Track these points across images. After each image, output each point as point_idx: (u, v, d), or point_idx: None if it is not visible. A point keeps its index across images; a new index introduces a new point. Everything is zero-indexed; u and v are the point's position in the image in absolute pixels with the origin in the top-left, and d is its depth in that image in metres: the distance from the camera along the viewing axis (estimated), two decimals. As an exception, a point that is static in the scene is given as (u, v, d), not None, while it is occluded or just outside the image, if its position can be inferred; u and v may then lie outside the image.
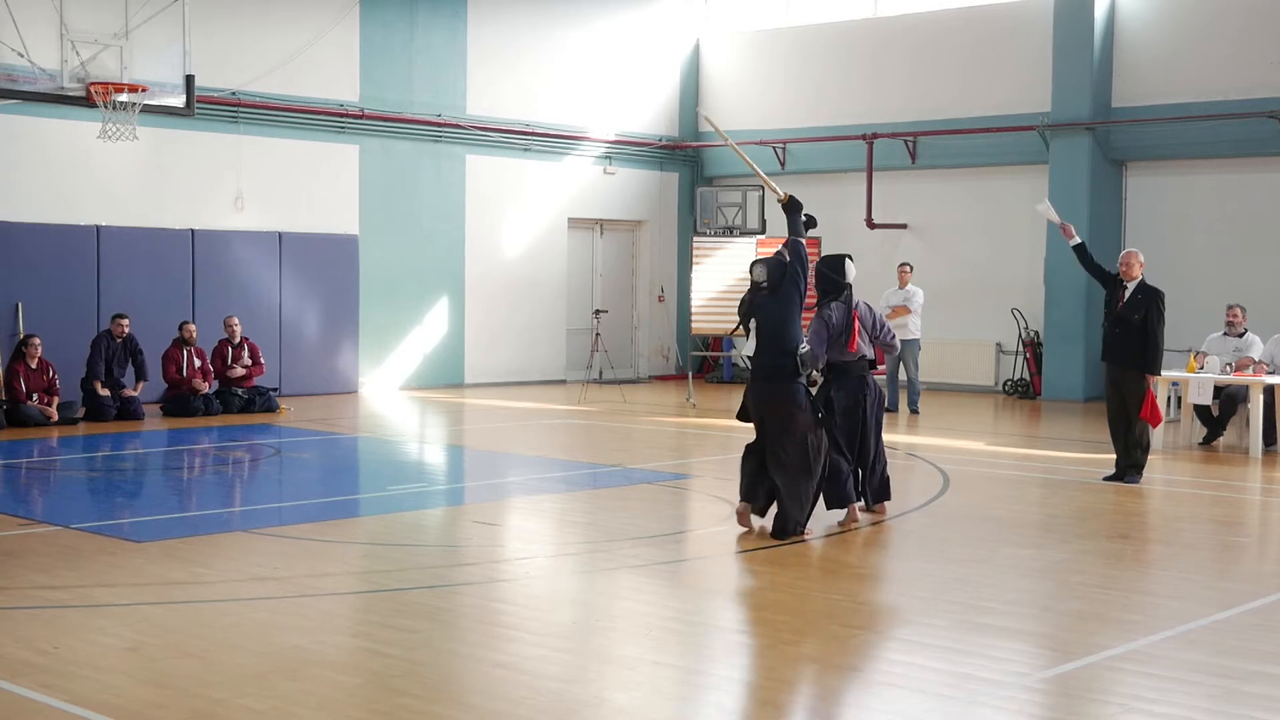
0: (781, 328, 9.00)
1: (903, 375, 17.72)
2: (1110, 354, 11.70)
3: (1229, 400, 14.18)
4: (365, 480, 12.54)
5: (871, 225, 21.15)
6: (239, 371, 16.69)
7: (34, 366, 15.15)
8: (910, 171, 21.33)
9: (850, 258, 9.86)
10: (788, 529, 8.97)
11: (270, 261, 18.37)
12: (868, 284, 19.26)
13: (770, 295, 9.06)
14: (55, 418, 15.12)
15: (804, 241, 9.20)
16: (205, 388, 16.34)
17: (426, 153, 20.29)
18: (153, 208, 17.41)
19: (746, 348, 9.44)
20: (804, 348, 9.05)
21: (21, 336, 15.65)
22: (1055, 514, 10.34)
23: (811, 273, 9.45)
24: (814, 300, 9.81)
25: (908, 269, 18.14)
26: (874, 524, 9.59)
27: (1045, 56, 19.77)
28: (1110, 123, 19.40)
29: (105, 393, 15.59)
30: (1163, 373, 12.05)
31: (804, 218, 9.38)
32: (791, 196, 9.44)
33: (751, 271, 9.21)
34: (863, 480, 9.76)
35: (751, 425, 9.32)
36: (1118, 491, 11.25)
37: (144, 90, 14.02)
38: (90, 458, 13.36)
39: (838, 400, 9.61)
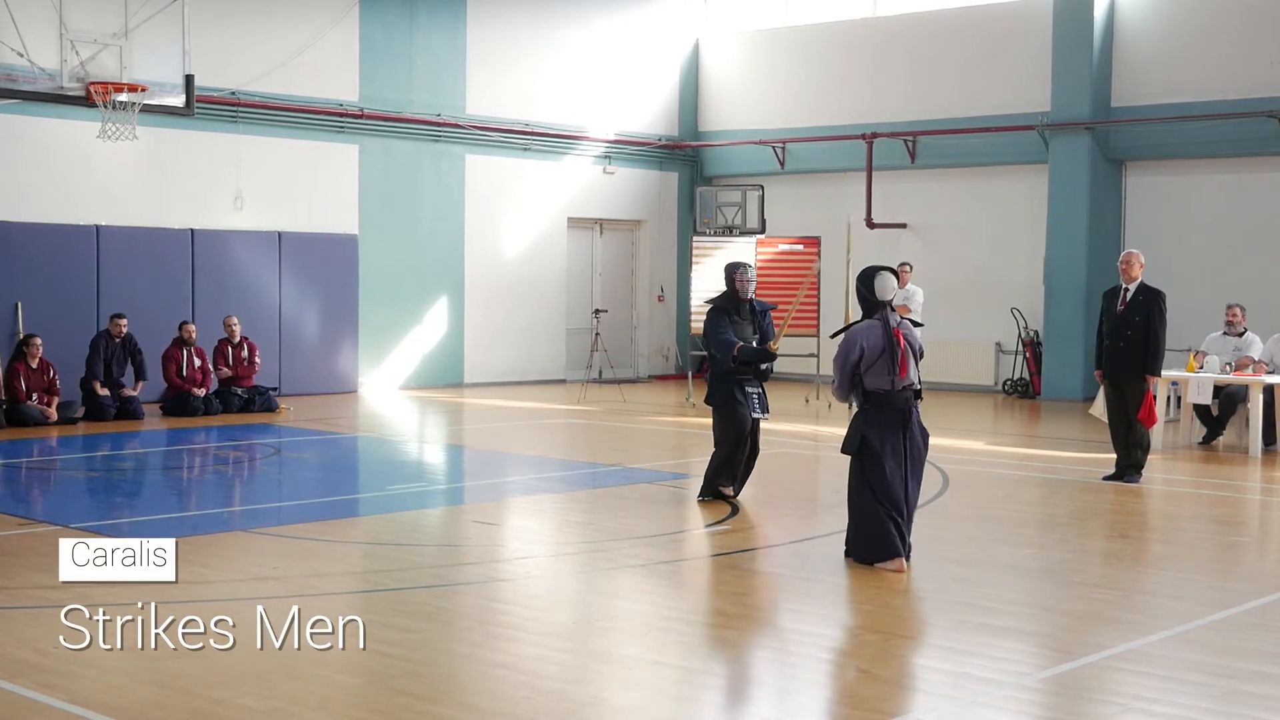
0: (708, 332, 10.22)
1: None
2: (1109, 368, 11.59)
3: (1228, 400, 14.17)
4: (365, 480, 12.54)
5: (871, 225, 21.14)
6: (225, 373, 16.67)
7: (34, 366, 15.14)
8: (910, 171, 21.33)
9: (890, 270, 8.51)
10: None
11: (270, 261, 18.37)
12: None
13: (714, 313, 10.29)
14: (55, 418, 15.12)
15: (727, 355, 10.03)
16: (204, 391, 16.32)
17: (426, 152, 20.29)
18: (152, 207, 17.41)
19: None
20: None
21: (22, 336, 15.65)
22: (1055, 514, 10.34)
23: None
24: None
25: (908, 268, 18.13)
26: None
27: (1045, 56, 19.77)
28: (1110, 122, 19.40)
29: (104, 393, 15.58)
30: (1163, 373, 12.03)
31: (756, 358, 10.05)
32: (770, 351, 9.99)
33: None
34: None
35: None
36: (1118, 491, 11.25)
37: (144, 90, 14.01)
38: (90, 457, 13.36)
39: (874, 438, 8.21)
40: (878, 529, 8.09)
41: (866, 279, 8.43)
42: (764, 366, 10.18)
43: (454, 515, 10.37)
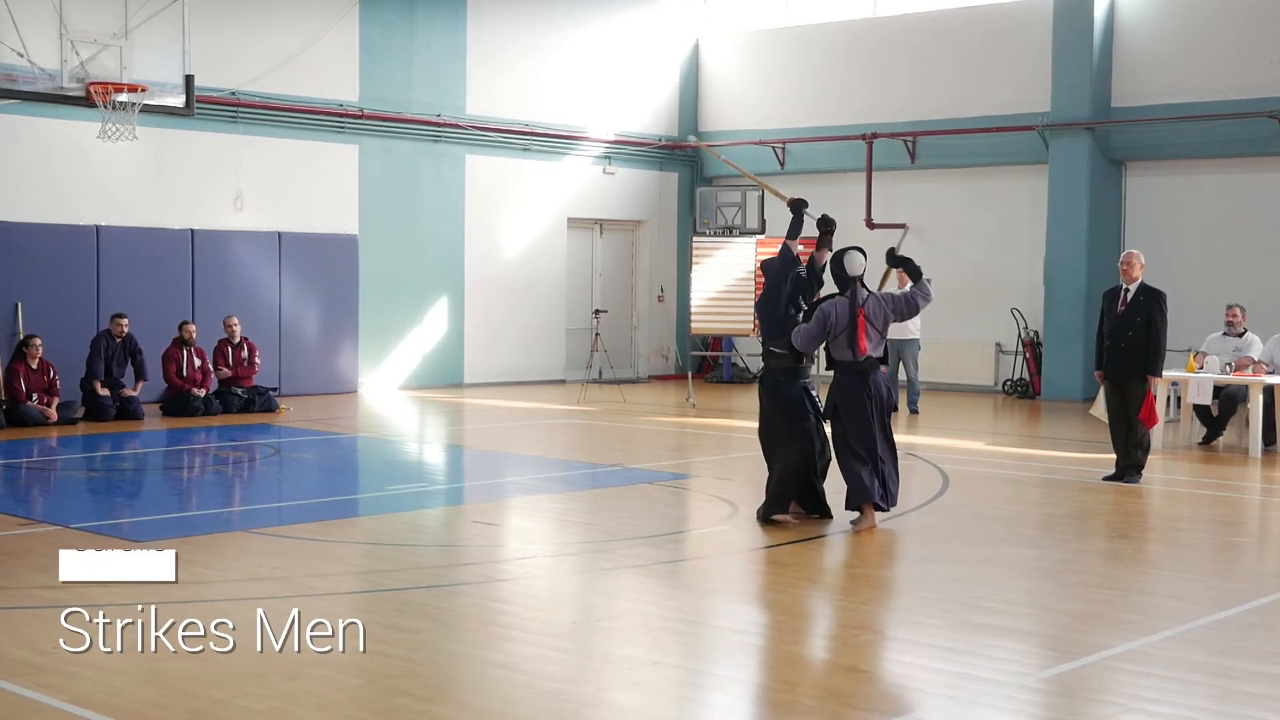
0: (764, 322, 9.71)
1: (903, 375, 17.72)
2: (1110, 369, 11.60)
3: (1229, 400, 14.17)
4: (365, 480, 12.54)
5: (871, 225, 21.14)
6: (225, 373, 16.68)
7: (34, 367, 15.15)
8: (910, 171, 21.33)
9: (858, 250, 9.55)
10: (759, 513, 9.49)
11: (270, 261, 18.37)
12: (869, 284, 19.31)
13: (765, 291, 9.76)
14: (55, 418, 15.12)
15: (791, 244, 9.73)
16: (204, 391, 16.33)
17: (426, 153, 20.29)
18: (152, 208, 17.41)
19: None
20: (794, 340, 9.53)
21: (22, 337, 15.65)
22: (1055, 514, 10.34)
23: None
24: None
25: None
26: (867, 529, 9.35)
27: (1045, 56, 19.78)
28: (1110, 123, 19.40)
29: (105, 393, 15.59)
30: (1163, 373, 12.03)
31: (807, 215, 9.87)
32: (795, 199, 9.94)
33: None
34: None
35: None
36: (1117, 491, 11.25)
37: (144, 90, 14.00)
38: (90, 458, 13.35)
39: (840, 400, 9.36)
40: (854, 477, 9.22)
41: (837, 259, 9.52)
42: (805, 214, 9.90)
43: (454, 515, 10.37)
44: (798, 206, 9.86)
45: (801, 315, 9.62)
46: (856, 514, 9.27)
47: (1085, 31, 19.23)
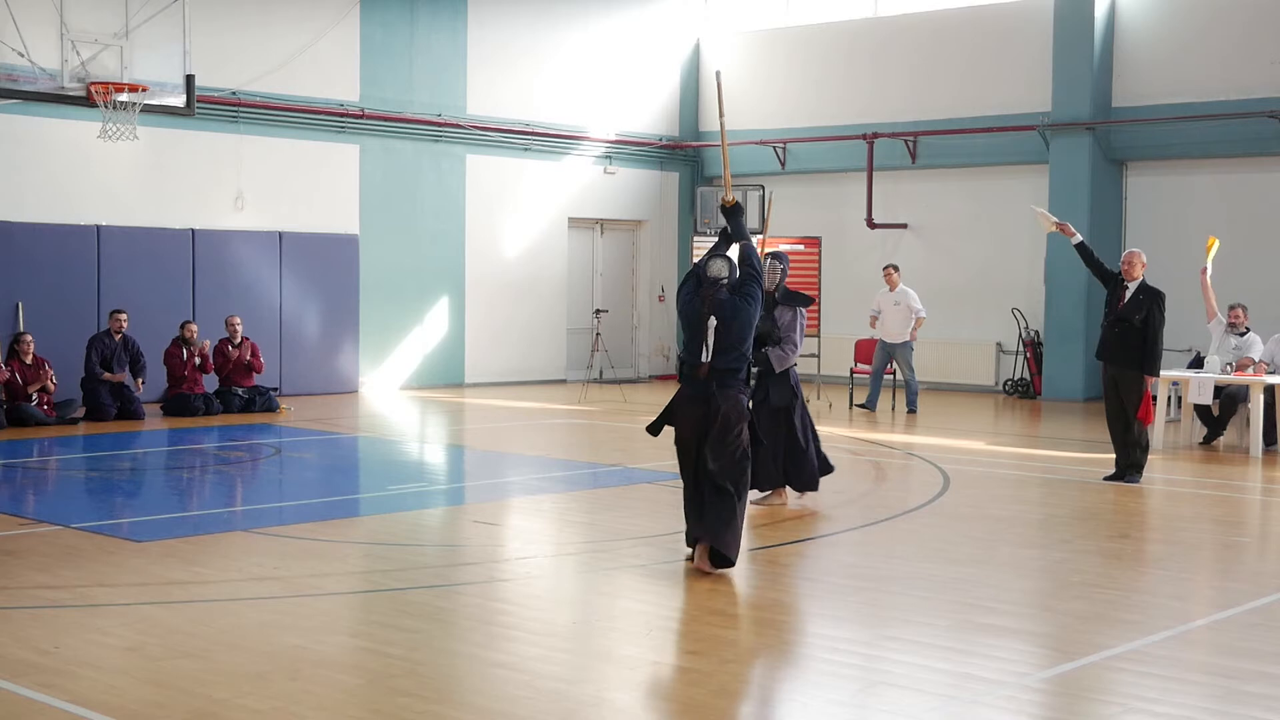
0: (745, 330, 8.07)
1: (900, 376, 17.73)
2: (1108, 354, 11.67)
3: (1229, 400, 14.18)
4: (365, 480, 12.54)
5: (872, 225, 21.15)
6: (244, 357, 16.66)
7: (29, 363, 15.13)
8: (910, 171, 21.33)
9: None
10: (730, 557, 7.96)
11: (270, 261, 18.37)
12: (868, 284, 19.34)
13: (732, 294, 8.08)
14: (52, 411, 15.09)
15: (753, 244, 8.46)
16: (203, 375, 16.36)
17: (426, 152, 20.29)
18: (153, 207, 17.42)
19: (694, 348, 8.12)
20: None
21: (13, 336, 15.61)
22: (1055, 514, 10.35)
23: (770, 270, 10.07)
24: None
25: (894, 270, 18.11)
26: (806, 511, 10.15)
27: (1045, 56, 19.78)
28: (1110, 122, 19.40)
29: (110, 378, 15.54)
30: (1161, 373, 12.04)
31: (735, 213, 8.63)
32: (737, 201, 8.59)
33: (710, 267, 8.17)
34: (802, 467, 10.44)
35: (671, 438, 8.32)
36: (1118, 491, 11.25)
37: (144, 90, 14.02)
38: (90, 458, 13.36)
39: (787, 396, 10.20)
40: (819, 464, 10.44)
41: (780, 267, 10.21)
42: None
43: (454, 515, 10.38)
44: (738, 210, 8.61)
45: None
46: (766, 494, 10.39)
47: (1086, 31, 19.23)
